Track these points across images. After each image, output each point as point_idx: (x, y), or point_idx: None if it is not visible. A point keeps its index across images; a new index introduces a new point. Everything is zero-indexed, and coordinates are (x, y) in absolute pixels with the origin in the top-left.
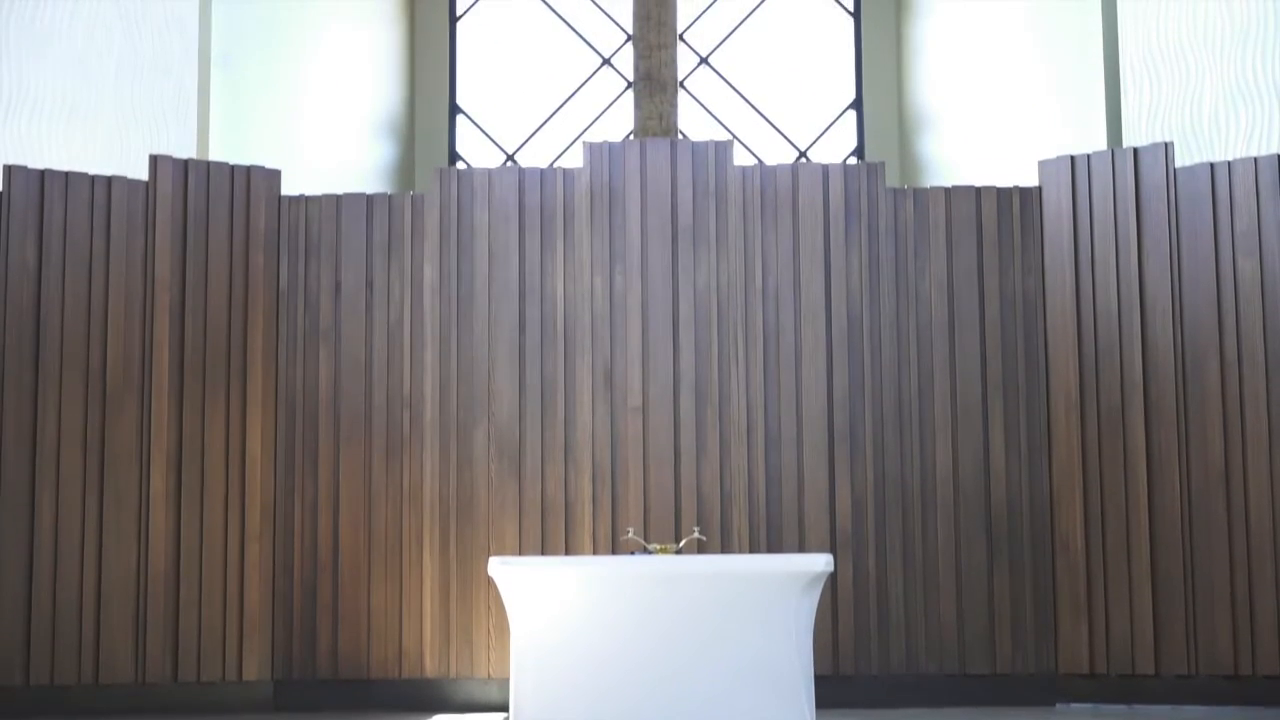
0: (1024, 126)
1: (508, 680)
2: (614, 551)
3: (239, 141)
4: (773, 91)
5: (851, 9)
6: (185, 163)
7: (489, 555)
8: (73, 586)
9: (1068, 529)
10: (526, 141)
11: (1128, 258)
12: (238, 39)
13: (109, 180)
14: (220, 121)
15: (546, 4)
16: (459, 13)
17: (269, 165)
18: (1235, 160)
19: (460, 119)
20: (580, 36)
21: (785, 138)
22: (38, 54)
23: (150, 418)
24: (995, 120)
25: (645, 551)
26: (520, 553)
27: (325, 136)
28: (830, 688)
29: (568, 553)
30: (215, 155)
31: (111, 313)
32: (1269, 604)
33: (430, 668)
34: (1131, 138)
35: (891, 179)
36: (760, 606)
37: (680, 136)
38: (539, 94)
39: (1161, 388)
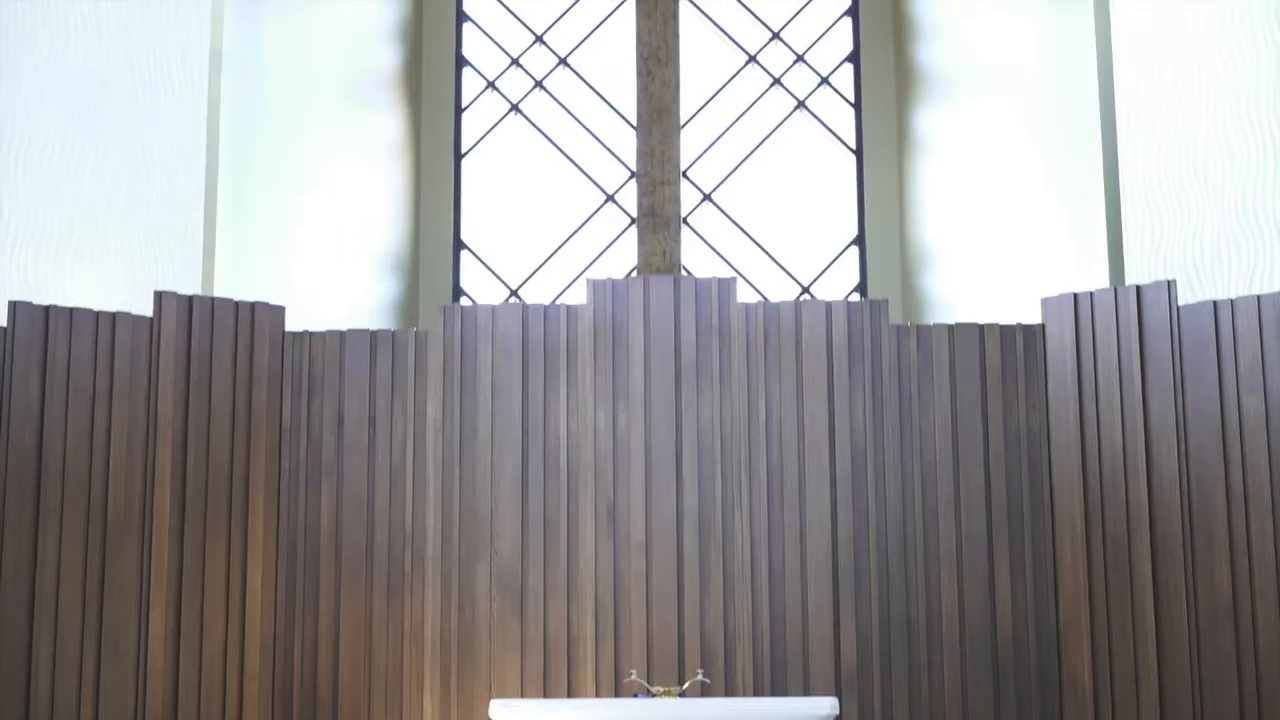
0: (1026, 263)
1: None
2: (617, 692)
3: (244, 277)
4: (776, 227)
5: (853, 147)
6: (190, 299)
7: (490, 695)
8: None
9: (1075, 665)
10: (530, 277)
11: (1132, 394)
12: (245, 177)
13: (113, 316)
14: (225, 258)
15: (551, 141)
16: (463, 149)
17: (273, 301)
18: (1238, 298)
19: (464, 254)
20: (584, 173)
21: (788, 273)
22: (45, 191)
23: (150, 555)
24: (998, 257)
25: (648, 694)
26: (522, 692)
27: (330, 272)
28: None
29: (570, 693)
30: (220, 291)
31: (114, 449)
32: None
33: None
34: (1134, 275)
35: (894, 315)
36: None
37: (684, 272)
38: (543, 229)
39: (1168, 523)
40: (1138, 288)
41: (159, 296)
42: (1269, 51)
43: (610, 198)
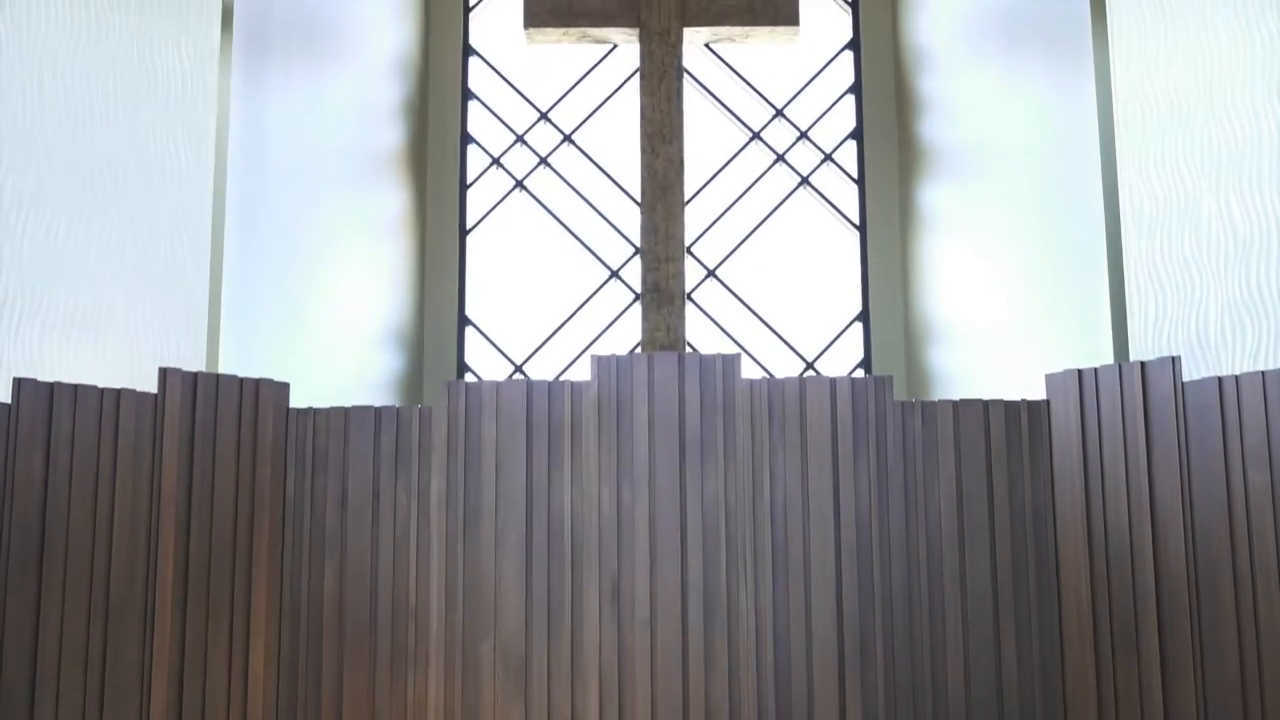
0: (1030, 338)
1: None
2: None
3: (248, 353)
4: (780, 303)
5: (857, 222)
6: (194, 375)
7: None
8: None
9: None
10: (535, 352)
11: (1137, 471)
12: (249, 253)
13: (118, 393)
14: (230, 334)
15: (555, 217)
16: (468, 225)
17: (278, 377)
18: (1243, 374)
19: (469, 330)
20: (588, 249)
21: (792, 349)
22: (51, 269)
23: (152, 632)
24: (1002, 332)
25: None
26: None
27: (335, 348)
28: None
29: None
30: (225, 367)
31: (116, 525)
32: None
33: None
34: (1138, 351)
35: (899, 390)
36: None
37: (688, 348)
38: (547, 305)
39: (1174, 601)
40: (1142, 364)
41: (163, 373)
42: (1270, 127)
43: (615, 274)
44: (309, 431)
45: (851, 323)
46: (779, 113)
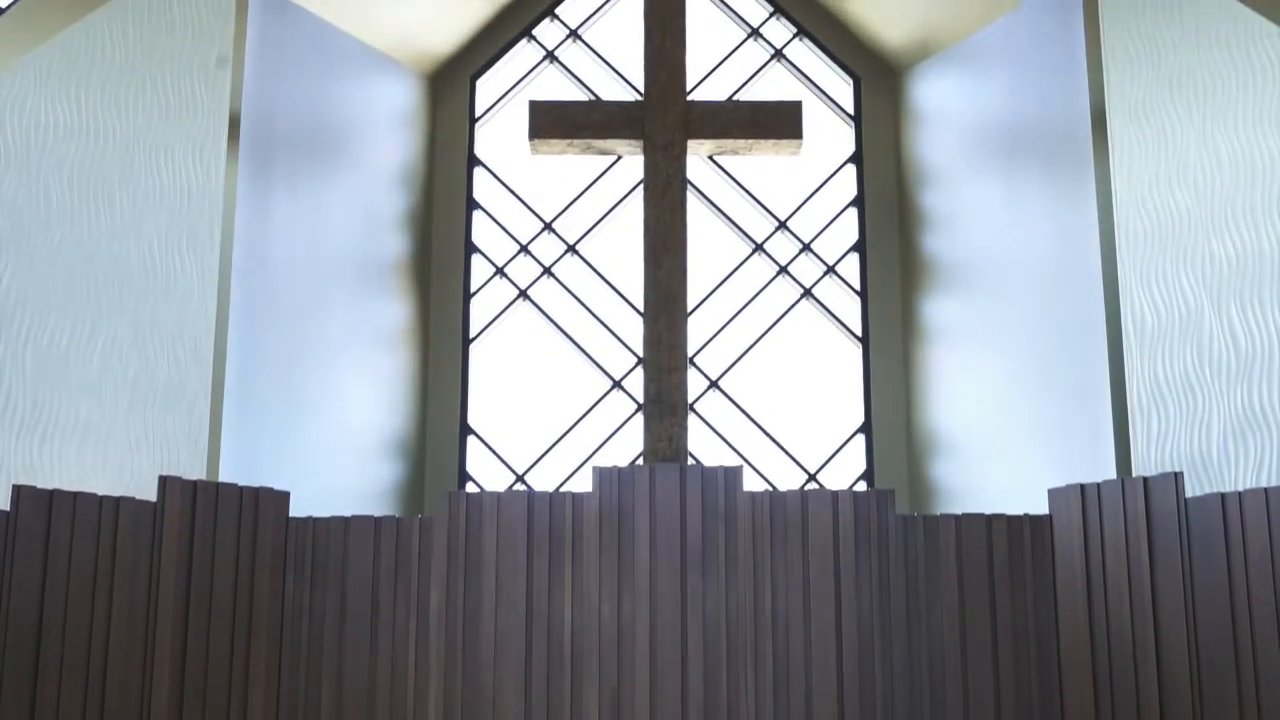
0: (1033, 452)
1: None
2: None
3: (249, 461)
4: (782, 414)
5: (860, 335)
6: (194, 484)
7: None
8: None
9: None
10: (537, 462)
11: (1141, 587)
12: (252, 361)
13: (117, 501)
14: (231, 442)
15: (558, 327)
16: (472, 334)
17: (278, 486)
18: (1246, 491)
19: (471, 439)
20: (591, 359)
21: (794, 460)
22: (53, 376)
23: None
24: (1004, 446)
25: None
26: None
27: (336, 456)
28: None
29: None
30: (225, 475)
31: (114, 634)
32: None
33: None
34: (1141, 465)
35: (901, 502)
36: None
37: (690, 459)
38: (550, 414)
39: (1179, 717)
40: (1145, 480)
41: (163, 482)
42: (1271, 242)
43: (617, 384)
44: (308, 541)
45: (854, 435)
46: (782, 225)
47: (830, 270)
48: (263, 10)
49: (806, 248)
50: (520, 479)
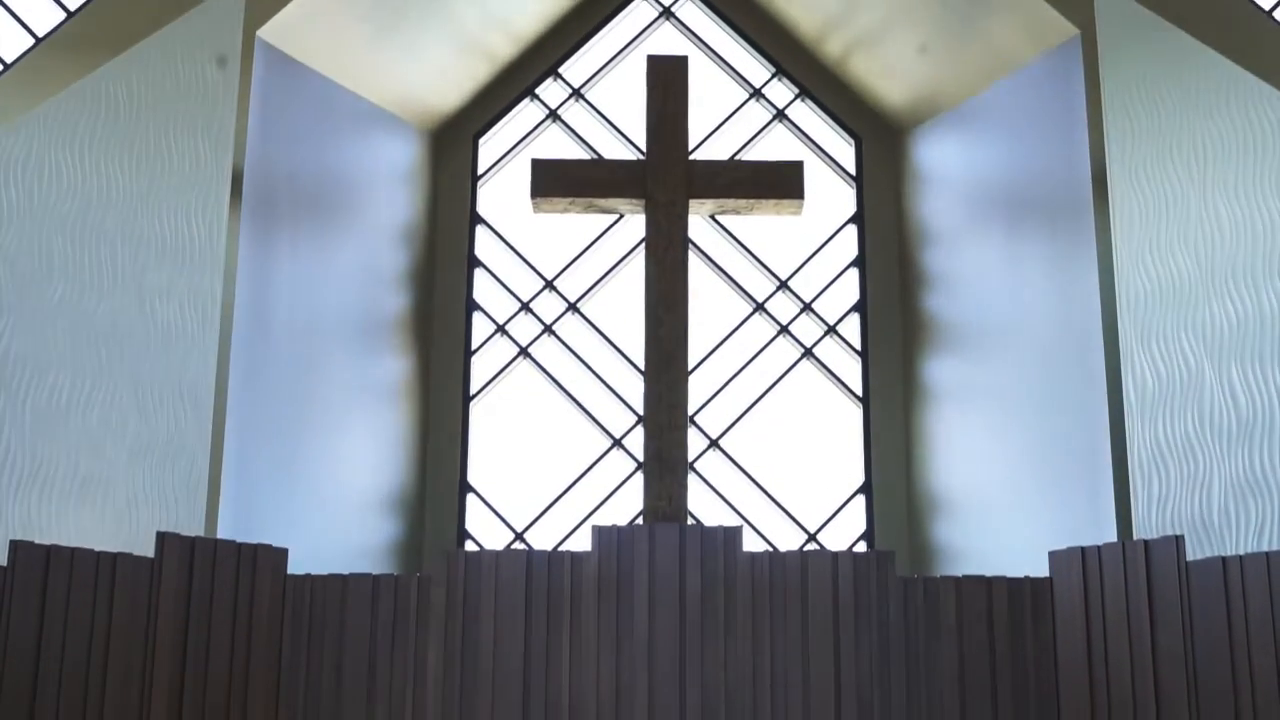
0: (1034, 514)
1: None
2: None
3: (248, 517)
4: (782, 474)
5: (860, 395)
6: (192, 541)
7: None
8: None
9: None
10: (536, 520)
11: (1142, 650)
12: (252, 418)
13: (114, 557)
14: (230, 498)
15: (559, 385)
16: (472, 392)
17: (277, 543)
18: (1247, 555)
19: (470, 497)
20: (591, 417)
21: (795, 520)
22: (52, 431)
23: None
24: (1005, 507)
25: None
26: None
27: (335, 513)
28: None
29: None
30: (224, 531)
31: (109, 691)
32: None
33: None
34: (1141, 528)
35: (901, 563)
36: None
37: (690, 518)
38: (550, 472)
39: None
40: (1146, 543)
41: (161, 538)
42: (1271, 305)
43: (617, 442)
44: (306, 599)
45: (854, 495)
46: (783, 285)
47: (831, 330)
48: (266, 67)
49: (807, 307)
50: (519, 537)
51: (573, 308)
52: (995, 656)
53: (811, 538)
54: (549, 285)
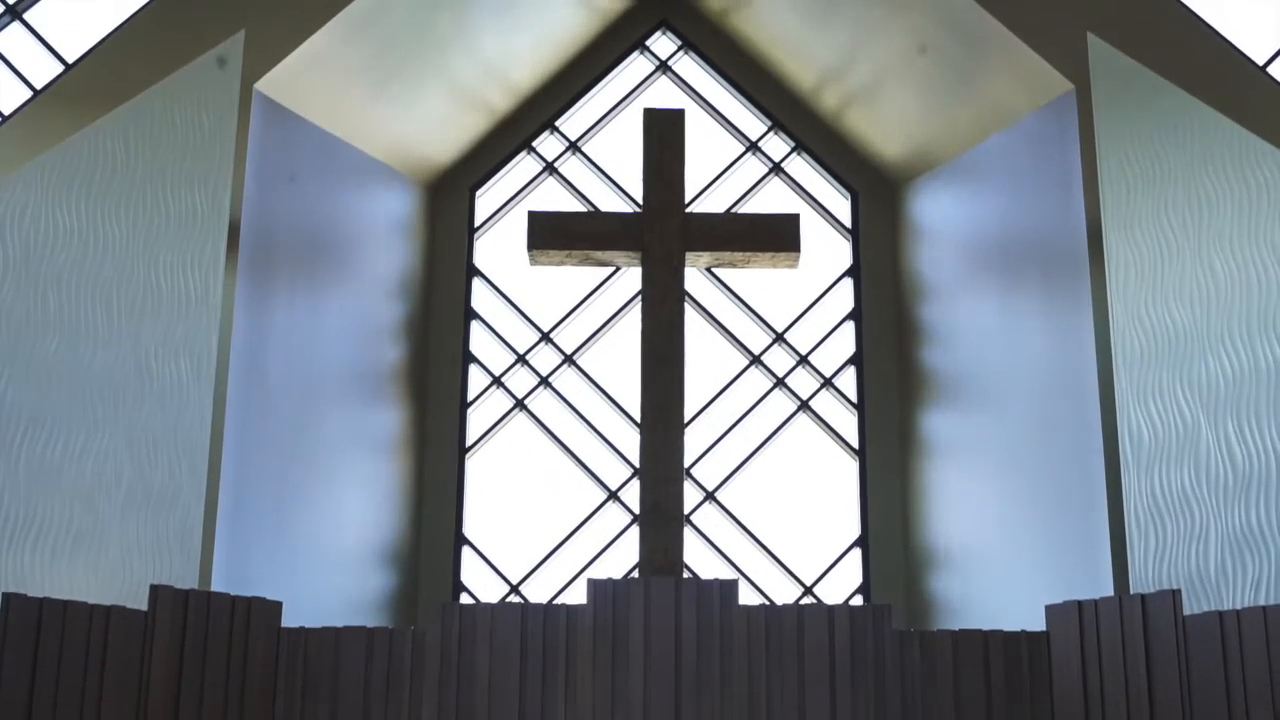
0: (1030, 568)
1: None
2: None
3: (242, 570)
4: (778, 526)
5: (856, 447)
6: (186, 594)
7: None
8: None
9: None
10: (531, 573)
11: (1139, 705)
12: (246, 471)
13: (108, 610)
14: (224, 551)
15: (555, 438)
16: (468, 444)
17: (271, 595)
18: (1244, 610)
19: (466, 550)
20: (587, 470)
21: (791, 574)
22: (46, 484)
23: None
24: (1001, 561)
25: None
26: None
27: (329, 566)
28: None
29: None
30: (218, 584)
31: None
32: None
33: None
34: (1138, 582)
35: (897, 617)
36: None
37: (686, 571)
38: (545, 525)
39: None
40: (1142, 597)
41: (155, 591)
42: (1267, 359)
43: (613, 495)
44: (300, 652)
45: (850, 548)
46: (779, 337)
47: (827, 383)
48: (264, 120)
49: (804, 360)
50: (515, 589)
51: (569, 360)
52: (992, 711)
53: (808, 591)
54: (545, 338)
